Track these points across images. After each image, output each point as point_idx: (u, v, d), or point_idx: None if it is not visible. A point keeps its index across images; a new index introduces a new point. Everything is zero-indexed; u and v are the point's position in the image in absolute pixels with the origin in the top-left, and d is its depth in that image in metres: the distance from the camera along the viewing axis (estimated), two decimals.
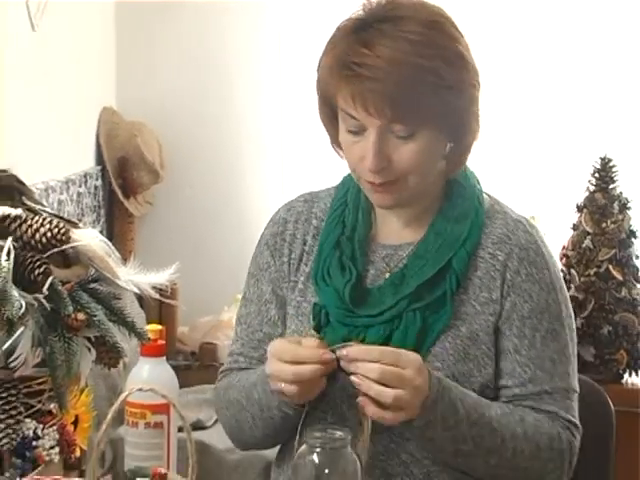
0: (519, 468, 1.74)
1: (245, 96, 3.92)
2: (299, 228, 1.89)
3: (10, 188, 1.50)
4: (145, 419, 1.61)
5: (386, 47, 1.70)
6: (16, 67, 3.33)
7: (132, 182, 3.89)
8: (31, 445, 1.62)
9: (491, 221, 1.82)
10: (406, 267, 1.80)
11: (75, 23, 3.71)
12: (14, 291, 1.34)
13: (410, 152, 1.73)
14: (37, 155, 3.28)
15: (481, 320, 1.78)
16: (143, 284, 1.51)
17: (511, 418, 1.73)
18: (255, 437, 1.85)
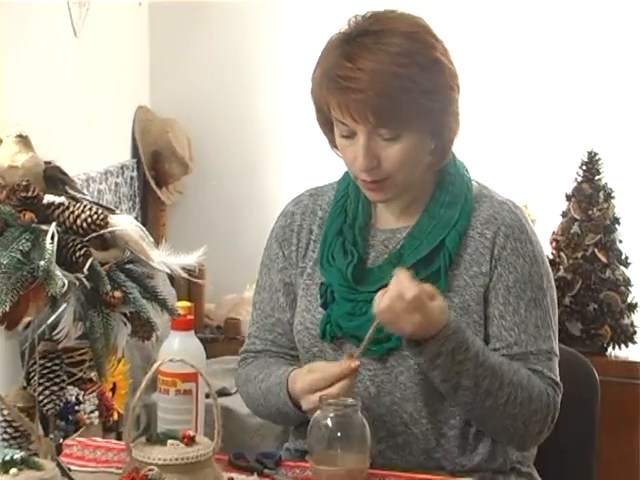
0: (509, 415, 1.74)
1: (266, 94, 3.92)
2: (306, 219, 1.92)
3: (54, 178, 1.50)
4: (176, 387, 1.61)
5: (367, 60, 1.72)
6: (60, 70, 3.33)
7: (164, 173, 3.89)
8: (73, 409, 1.63)
9: (479, 204, 1.84)
10: (403, 247, 1.82)
11: (113, 29, 3.71)
12: (58, 271, 1.34)
13: (396, 152, 1.75)
14: (79, 149, 3.28)
15: (472, 292, 1.79)
16: (174, 265, 1.51)
17: (510, 367, 1.74)
18: (270, 414, 1.91)
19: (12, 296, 1.32)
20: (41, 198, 1.41)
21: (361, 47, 1.73)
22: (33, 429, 1.39)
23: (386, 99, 1.71)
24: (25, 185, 1.41)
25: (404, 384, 1.78)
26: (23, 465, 1.28)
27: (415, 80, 1.73)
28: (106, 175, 3.62)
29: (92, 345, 1.41)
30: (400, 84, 1.72)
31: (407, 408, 1.78)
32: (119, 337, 1.44)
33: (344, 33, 1.78)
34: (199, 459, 1.36)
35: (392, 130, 1.74)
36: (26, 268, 1.34)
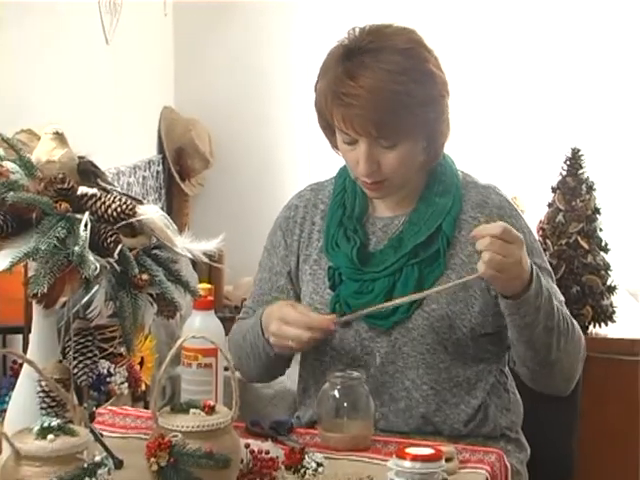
0: (573, 352, 1.80)
1: (279, 95, 3.92)
2: (308, 212, 1.93)
3: (87, 172, 1.50)
4: (197, 361, 1.61)
5: (367, 78, 1.72)
6: (93, 74, 3.34)
7: (187, 168, 3.90)
8: (105, 381, 1.63)
9: (467, 191, 1.86)
10: (402, 232, 1.84)
11: (140, 37, 3.72)
12: (90, 256, 1.34)
13: (394, 158, 1.77)
14: (110, 145, 3.29)
15: (467, 269, 1.79)
16: (195, 250, 1.51)
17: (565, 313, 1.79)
18: (250, 369, 1.92)
19: (49, 278, 1.32)
20: (75, 190, 1.41)
21: (361, 65, 1.73)
22: (68, 399, 1.39)
23: (386, 113, 1.72)
24: (61, 178, 1.41)
25: (407, 354, 1.79)
26: (59, 431, 1.28)
27: (412, 95, 1.74)
28: (134, 169, 3.63)
29: (122, 323, 1.41)
30: (398, 99, 1.73)
31: (409, 376, 1.79)
32: (146, 316, 1.44)
33: (344, 47, 1.78)
34: (219, 426, 1.36)
35: (391, 140, 1.76)
36: (62, 253, 1.34)
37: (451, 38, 3.51)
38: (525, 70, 3.67)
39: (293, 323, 1.71)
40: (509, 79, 3.68)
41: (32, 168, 1.45)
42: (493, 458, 1.63)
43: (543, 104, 3.65)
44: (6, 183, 1.40)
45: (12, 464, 1.26)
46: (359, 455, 1.62)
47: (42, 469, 1.24)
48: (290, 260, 1.91)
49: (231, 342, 1.93)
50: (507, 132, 3.69)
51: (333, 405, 1.68)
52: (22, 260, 1.34)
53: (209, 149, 3.92)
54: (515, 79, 3.68)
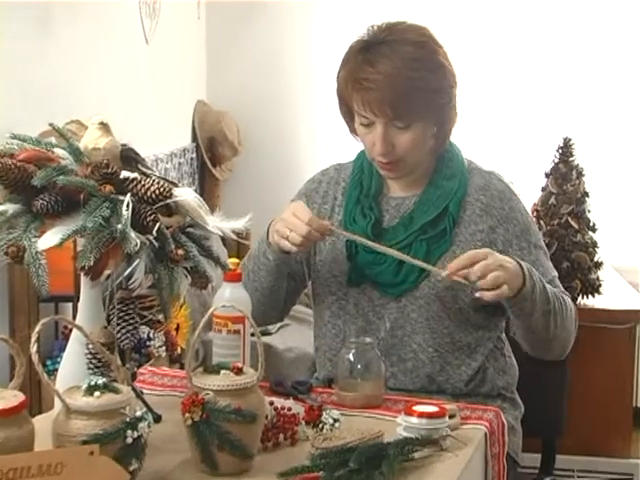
0: (568, 327, 1.79)
1: (300, 89, 3.92)
2: (331, 187, 1.92)
3: (129, 158, 1.49)
4: (227, 327, 1.61)
5: (384, 65, 1.72)
6: (134, 71, 3.35)
7: (218, 155, 3.91)
8: (145, 345, 1.63)
9: (471, 175, 1.86)
10: (413, 212, 1.83)
11: (176, 38, 3.72)
12: (132, 233, 1.34)
13: (407, 139, 1.76)
14: (149, 134, 3.29)
15: (470, 245, 1.79)
16: (225, 229, 1.50)
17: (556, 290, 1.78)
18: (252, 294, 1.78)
19: (95, 253, 1.33)
20: (118, 174, 1.41)
21: (379, 54, 1.73)
22: (112, 360, 1.39)
23: (401, 96, 1.71)
24: (106, 163, 1.40)
25: (415, 320, 1.79)
26: (105, 389, 1.28)
27: (425, 81, 1.73)
28: (171, 156, 3.64)
29: (160, 293, 1.41)
30: (413, 85, 1.72)
31: (416, 339, 1.79)
32: (181, 287, 1.44)
33: (363, 41, 1.78)
34: (246, 386, 1.36)
35: (405, 121, 1.74)
36: (106, 231, 1.34)
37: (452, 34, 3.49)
38: (521, 67, 3.68)
39: (299, 214, 1.68)
40: (507, 76, 3.69)
41: (80, 154, 1.45)
42: (491, 415, 1.62)
43: (537, 98, 3.65)
44: (57, 168, 1.40)
45: (63, 418, 1.26)
46: (371, 412, 1.63)
47: (89, 422, 1.24)
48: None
49: (244, 271, 1.84)
50: (505, 123, 3.70)
51: (348, 367, 1.68)
52: (71, 237, 1.34)
53: (237, 138, 3.92)
54: (512, 76, 3.69)
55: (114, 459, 1.22)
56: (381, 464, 1.31)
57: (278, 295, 1.86)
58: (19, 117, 2.62)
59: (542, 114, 3.65)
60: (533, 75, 3.65)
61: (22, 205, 1.38)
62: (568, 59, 3.62)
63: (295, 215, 1.69)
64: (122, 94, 3.22)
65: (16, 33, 2.66)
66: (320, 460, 1.33)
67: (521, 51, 3.65)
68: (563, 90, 3.64)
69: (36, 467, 1.17)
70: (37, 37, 2.76)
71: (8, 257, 1.32)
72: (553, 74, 3.64)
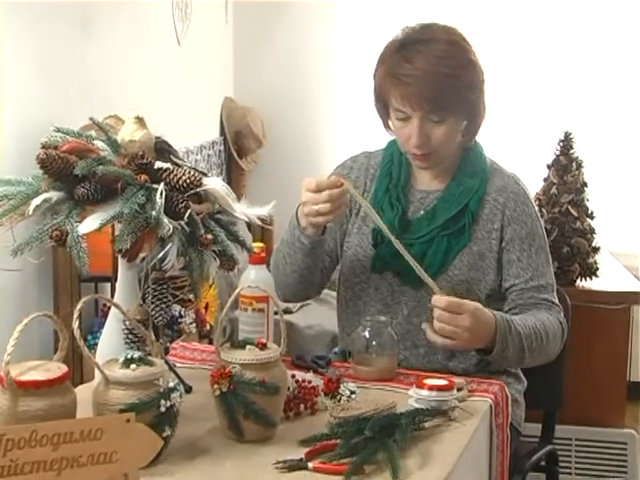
0: (549, 350, 1.76)
1: (321, 87, 3.91)
2: (361, 173, 1.89)
3: (162, 149, 1.49)
4: (252, 306, 1.61)
5: (421, 61, 1.69)
6: (168, 70, 3.35)
7: (243, 147, 3.90)
8: (177, 321, 1.63)
9: (492, 176, 1.82)
10: (436, 206, 1.80)
11: (206, 40, 3.72)
12: (165, 219, 1.34)
13: (442, 132, 1.73)
14: (181, 128, 3.29)
15: (486, 243, 1.77)
16: (251, 215, 1.50)
17: (539, 322, 1.73)
18: (286, 275, 1.80)
19: (132, 237, 1.33)
20: (153, 164, 1.41)
21: (415, 51, 1.71)
22: (147, 335, 1.39)
23: (437, 91, 1.69)
24: (141, 154, 1.40)
25: (430, 310, 1.75)
26: (140, 362, 1.28)
27: (458, 77, 1.71)
28: (201, 148, 3.63)
29: (190, 274, 1.41)
30: (447, 81, 1.70)
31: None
32: (210, 268, 1.44)
33: (399, 41, 1.76)
34: (270, 360, 1.35)
35: (440, 115, 1.72)
36: (142, 216, 1.34)
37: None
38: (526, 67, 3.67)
39: (310, 187, 1.64)
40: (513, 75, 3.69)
41: (118, 146, 1.45)
42: (496, 389, 1.62)
43: (540, 95, 3.65)
44: (96, 159, 1.40)
45: (102, 388, 1.27)
46: (385, 385, 1.62)
47: (126, 392, 1.24)
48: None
49: (272, 258, 1.85)
50: (510, 118, 3.68)
51: (364, 343, 1.68)
52: (109, 222, 1.34)
53: (262, 132, 3.91)
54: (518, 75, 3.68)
55: (149, 426, 1.22)
56: (394, 432, 1.31)
57: (315, 273, 1.82)
58: (62, 112, 2.62)
59: (544, 110, 3.64)
60: (537, 74, 3.65)
61: (65, 193, 1.38)
62: (569, 58, 3.62)
63: (308, 190, 1.65)
64: (156, 91, 3.22)
65: (60, 35, 2.66)
66: (338, 428, 1.33)
67: (526, 52, 3.66)
68: (564, 88, 3.64)
69: (78, 433, 1.17)
70: (79, 39, 2.77)
71: (52, 240, 1.33)
72: (555, 73, 3.64)
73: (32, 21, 2.52)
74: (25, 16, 2.48)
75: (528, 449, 1.96)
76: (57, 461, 1.16)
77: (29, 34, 2.51)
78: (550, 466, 2.08)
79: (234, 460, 1.28)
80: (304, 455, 1.27)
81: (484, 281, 1.77)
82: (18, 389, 1.21)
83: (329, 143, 3.90)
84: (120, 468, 1.19)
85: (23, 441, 1.14)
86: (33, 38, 2.53)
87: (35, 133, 1.53)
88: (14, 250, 1.33)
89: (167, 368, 1.37)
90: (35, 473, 1.15)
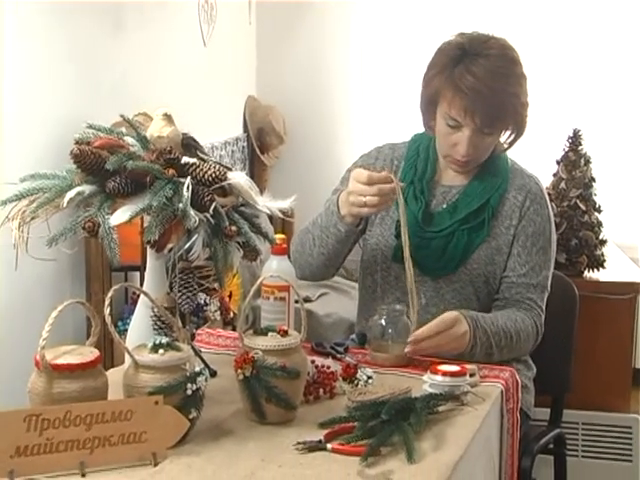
0: (518, 349, 1.73)
1: (340, 85, 3.89)
2: (386, 164, 1.85)
3: (189, 145, 1.49)
4: (274, 295, 1.61)
5: (485, 77, 1.65)
6: (194, 69, 3.35)
7: (266, 144, 3.89)
8: (202, 309, 1.63)
9: (513, 175, 1.80)
10: (458, 201, 1.78)
11: (230, 41, 3.71)
12: (191, 211, 1.34)
13: (488, 143, 1.72)
14: (207, 125, 3.29)
15: (504, 238, 1.76)
16: (273, 208, 1.49)
17: (510, 322, 1.70)
18: (312, 255, 1.77)
19: (160, 229, 1.33)
20: (180, 159, 1.40)
21: (480, 66, 1.66)
22: (174, 322, 1.40)
23: (498, 109, 1.67)
24: (169, 150, 1.40)
25: (448, 301, 1.75)
26: (168, 347, 1.29)
27: (518, 96, 1.70)
28: (225, 144, 3.63)
29: (215, 264, 1.41)
30: (509, 100, 1.68)
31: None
32: (234, 259, 1.44)
33: (460, 49, 1.69)
34: (291, 346, 1.35)
35: (493, 129, 1.70)
36: (170, 209, 1.33)
37: None
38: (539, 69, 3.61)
39: (361, 179, 1.60)
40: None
41: (147, 142, 1.45)
42: (507, 375, 1.61)
43: (551, 95, 3.60)
44: (127, 154, 1.40)
45: (132, 371, 1.27)
46: (400, 370, 1.62)
47: (154, 376, 1.25)
48: None
49: (296, 237, 1.83)
50: None
51: (380, 331, 1.67)
52: (139, 214, 1.34)
53: (283, 129, 3.90)
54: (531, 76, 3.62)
55: (176, 408, 1.22)
56: (409, 416, 1.31)
57: (339, 259, 1.80)
58: (94, 109, 2.63)
59: (554, 109, 3.61)
60: (548, 75, 3.61)
61: (97, 186, 1.38)
62: (578, 61, 3.59)
63: (358, 181, 1.60)
64: (183, 89, 3.23)
65: (93, 36, 2.67)
66: (355, 412, 1.33)
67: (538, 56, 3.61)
68: (573, 88, 3.61)
69: (109, 414, 1.18)
70: (110, 39, 2.77)
71: (85, 231, 1.33)
72: (565, 74, 3.61)
73: (67, 23, 2.52)
74: (61, 18, 2.49)
75: (537, 432, 1.95)
76: (90, 440, 1.17)
77: (64, 36, 2.52)
78: (558, 449, 2.07)
79: (256, 441, 1.28)
80: (323, 437, 1.27)
81: (499, 276, 1.76)
82: (53, 372, 1.22)
83: (347, 140, 3.88)
84: (149, 447, 1.19)
85: (58, 421, 1.15)
86: (68, 39, 2.54)
87: (69, 130, 1.53)
88: (49, 241, 1.33)
89: (193, 353, 1.37)
90: (69, 451, 1.16)
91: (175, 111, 1.50)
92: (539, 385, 1.90)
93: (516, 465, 1.60)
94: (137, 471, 1.17)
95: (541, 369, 1.90)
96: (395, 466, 1.20)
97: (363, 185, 1.60)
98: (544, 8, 3.58)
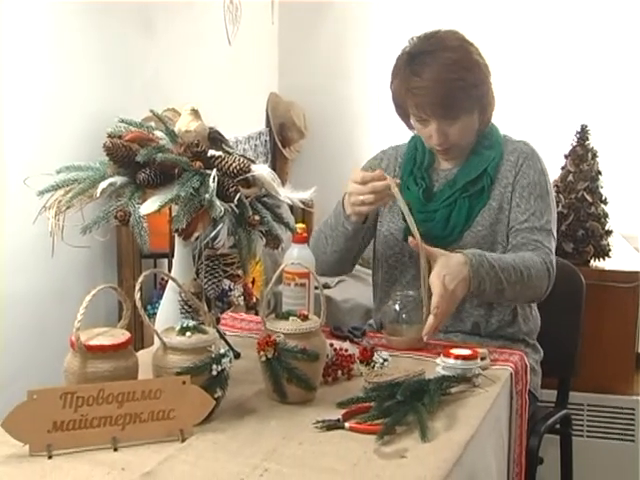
0: (532, 286, 1.66)
1: (358, 83, 3.87)
2: (391, 162, 1.90)
3: (215, 139, 1.49)
4: (295, 281, 1.60)
5: (428, 73, 1.68)
6: (220, 67, 3.35)
7: (287, 138, 3.88)
8: (227, 294, 1.63)
9: (505, 145, 1.82)
10: (457, 175, 1.81)
11: (254, 40, 3.70)
12: (217, 201, 1.34)
13: (457, 129, 1.73)
14: (232, 120, 3.28)
15: (504, 197, 1.76)
16: (294, 198, 1.49)
17: (518, 258, 1.66)
18: (326, 254, 1.79)
19: (187, 218, 1.32)
20: (206, 152, 1.40)
21: (423, 64, 1.70)
22: (200, 306, 1.40)
23: (446, 98, 1.68)
24: (196, 143, 1.40)
25: None
26: (194, 330, 1.29)
27: (464, 79, 1.69)
28: (248, 138, 3.63)
29: (239, 252, 1.41)
30: (455, 85, 1.68)
31: None
32: (257, 247, 1.44)
33: (407, 53, 1.74)
34: (310, 330, 1.35)
35: (453, 116, 1.71)
36: (196, 199, 1.33)
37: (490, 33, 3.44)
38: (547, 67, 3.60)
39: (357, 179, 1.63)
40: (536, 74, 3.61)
41: (175, 136, 1.45)
42: (516, 358, 1.60)
43: (559, 92, 3.59)
44: (156, 147, 1.40)
45: (160, 353, 1.27)
46: (414, 354, 1.61)
47: (181, 357, 1.25)
48: None
49: (312, 238, 1.84)
50: (531, 112, 3.63)
51: (394, 316, 1.67)
52: (167, 204, 1.34)
53: (304, 124, 3.89)
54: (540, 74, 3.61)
55: (202, 388, 1.22)
56: (423, 397, 1.30)
57: (352, 254, 1.83)
58: (126, 105, 2.63)
59: (563, 105, 3.60)
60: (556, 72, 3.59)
61: (128, 178, 1.38)
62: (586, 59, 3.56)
63: (354, 181, 1.64)
64: (209, 86, 3.23)
65: (124, 36, 2.67)
66: (372, 393, 1.33)
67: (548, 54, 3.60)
68: (581, 85, 3.59)
69: (139, 392, 1.18)
70: (141, 40, 2.77)
71: (117, 220, 1.33)
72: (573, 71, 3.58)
73: (101, 25, 2.53)
74: (94, 19, 2.49)
75: (544, 413, 1.94)
76: (121, 417, 1.17)
77: (99, 36, 2.52)
78: (564, 429, 2.06)
79: (278, 420, 1.28)
80: (341, 416, 1.27)
81: (505, 232, 1.76)
82: (87, 352, 1.22)
83: (365, 134, 3.87)
84: (177, 424, 1.20)
85: (92, 398, 1.16)
86: (102, 40, 2.54)
87: (102, 124, 1.53)
88: (83, 229, 1.33)
89: (218, 336, 1.37)
90: (102, 427, 1.16)
91: (202, 107, 1.49)
92: (547, 368, 1.89)
93: (524, 444, 1.59)
94: (165, 446, 1.17)
95: (549, 353, 1.89)
96: (409, 444, 1.20)
97: (358, 185, 1.63)
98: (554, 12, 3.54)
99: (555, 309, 1.84)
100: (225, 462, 1.12)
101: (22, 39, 2.21)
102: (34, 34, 2.25)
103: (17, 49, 2.19)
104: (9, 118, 2.17)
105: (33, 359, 2.26)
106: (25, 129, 2.24)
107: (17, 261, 2.20)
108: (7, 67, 2.15)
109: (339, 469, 1.10)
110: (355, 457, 1.15)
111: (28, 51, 2.24)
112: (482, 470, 1.31)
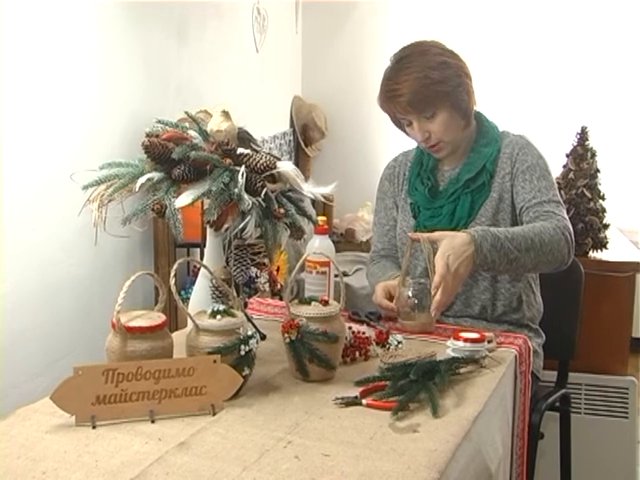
0: (549, 251, 1.58)
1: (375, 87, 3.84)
2: (401, 168, 1.91)
3: (244, 138, 1.48)
4: (316, 269, 1.60)
5: (400, 76, 1.71)
6: (248, 73, 3.34)
7: (309, 138, 3.88)
8: (253, 281, 1.63)
9: (503, 141, 1.80)
10: (459, 173, 1.80)
11: (280, 48, 3.69)
12: (245, 195, 1.33)
13: (437, 124, 1.73)
14: (259, 121, 3.29)
15: (503, 187, 1.75)
16: (316, 193, 1.48)
17: (527, 227, 1.60)
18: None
19: (218, 210, 1.32)
20: (236, 150, 1.40)
21: (397, 70, 1.72)
22: (230, 292, 1.39)
23: (418, 95, 1.69)
24: (226, 142, 1.39)
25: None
26: (224, 313, 1.28)
27: (429, 77, 1.68)
28: (274, 138, 3.62)
29: (265, 242, 1.40)
30: (422, 83, 1.68)
31: None
32: (282, 237, 1.43)
33: (389, 68, 1.76)
34: (331, 314, 1.34)
35: (427, 111, 1.71)
36: (226, 193, 1.33)
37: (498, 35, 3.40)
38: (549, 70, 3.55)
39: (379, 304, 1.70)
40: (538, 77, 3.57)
41: (207, 135, 1.44)
42: (520, 341, 1.58)
43: (560, 95, 3.55)
44: (190, 145, 1.39)
45: (193, 334, 1.27)
46: (426, 337, 1.60)
47: (212, 338, 1.25)
48: (395, 198, 1.90)
49: (369, 283, 1.91)
50: (534, 114, 3.60)
51: (407, 300, 1.65)
52: (200, 197, 1.34)
53: (325, 125, 3.88)
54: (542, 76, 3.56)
55: (231, 366, 1.22)
56: (434, 377, 1.29)
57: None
58: (162, 107, 2.63)
59: (564, 107, 3.57)
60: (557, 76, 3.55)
61: (164, 173, 1.38)
62: (586, 62, 3.52)
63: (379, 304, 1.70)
64: (238, 90, 3.22)
65: (162, 43, 2.67)
66: (387, 372, 1.32)
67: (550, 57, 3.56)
68: (581, 88, 3.56)
69: (174, 370, 1.18)
70: (176, 47, 2.77)
71: (153, 212, 1.33)
72: (573, 75, 3.54)
73: (141, 33, 2.53)
74: (135, 29, 2.49)
75: (545, 392, 1.92)
76: (158, 392, 1.17)
77: (138, 44, 2.52)
78: (563, 407, 2.05)
79: (301, 396, 1.28)
80: (359, 393, 1.26)
81: (508, 219, 1.73)
82: (127, 333, 1.22)
83: (381, 134, 3.85)
84: (208, 400, 1.20)
85: (131, 375, 1.16)
86: (141, 46, 2.54)
87: (141, 124, 1.54)
88: (123, 220, 1.33)
89: (246, 319, 1.37)
90: (140, 401, 1.16)
91: (231, 108, 1.49)
92: (548, 351, 1.87)
93: (527, 420, 1.57)
94: (198, 419, 1.17)
95: (550, 337, 1.87)
96: (421, 420, 1.19)
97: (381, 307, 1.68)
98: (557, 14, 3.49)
99: (556, 297, 1.82)
100: (252, 434, 1.12)
101: (70, 46, 2.21)
102: (82, 41, 2.25)
103: (66, 55, 2.19)
104: (56, 118, 2.18)
105: (79, 339, 2.28)
106: (71, 128, 2.24)
107: (64, 250, 2.21)
108: (58, 72, 2.16)
109: (357, 442, 1.10)
110: (371, 431, 1.14)
111: (75, 57, 2.24)
112: (488, 444, 1.30)
